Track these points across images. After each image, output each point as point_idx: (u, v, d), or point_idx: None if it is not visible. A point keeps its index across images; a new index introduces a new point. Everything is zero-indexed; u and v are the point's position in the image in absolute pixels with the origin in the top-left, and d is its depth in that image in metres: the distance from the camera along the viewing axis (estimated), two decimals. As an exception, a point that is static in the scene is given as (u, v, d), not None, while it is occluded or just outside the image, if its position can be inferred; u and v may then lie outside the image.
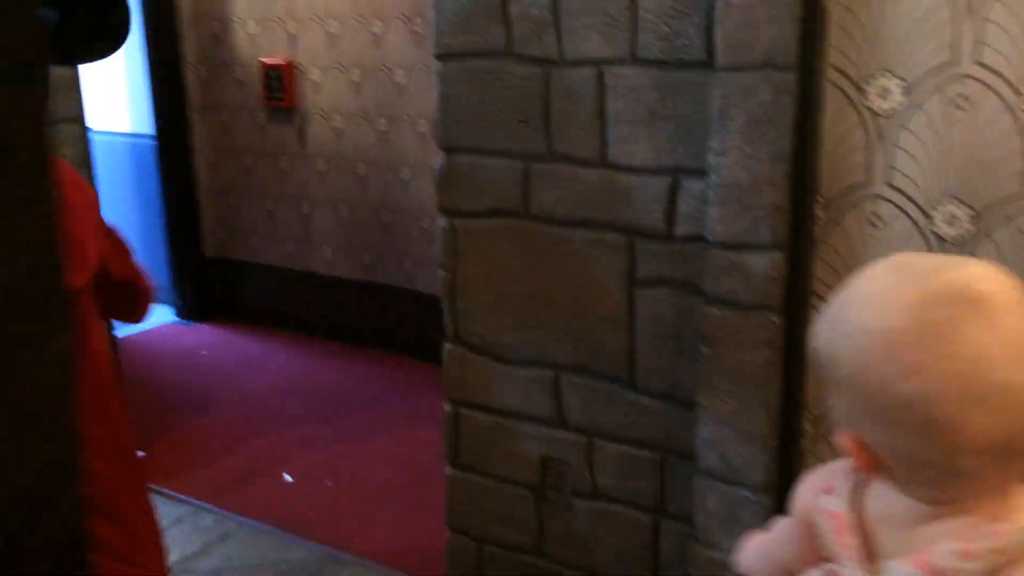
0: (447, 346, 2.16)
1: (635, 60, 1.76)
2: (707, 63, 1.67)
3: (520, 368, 2.08)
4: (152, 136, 4.48)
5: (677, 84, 1.73)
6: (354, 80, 4.03)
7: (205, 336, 4.57)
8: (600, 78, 1.81)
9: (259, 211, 4.52)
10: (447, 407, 2.22)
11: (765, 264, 1.65)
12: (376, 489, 3.09)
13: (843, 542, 0.85)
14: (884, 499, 0.83)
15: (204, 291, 4.72)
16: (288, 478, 3.15)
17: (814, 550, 0.90)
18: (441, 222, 2.07)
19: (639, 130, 1.80)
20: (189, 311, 4.70)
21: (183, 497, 3.02)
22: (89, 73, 4.60)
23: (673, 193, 1.81)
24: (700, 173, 1.75)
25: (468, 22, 1.90)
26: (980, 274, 0.77)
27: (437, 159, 2.04)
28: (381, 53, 3.88)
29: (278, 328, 4.54)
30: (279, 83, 4.21)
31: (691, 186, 1.78)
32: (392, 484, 3.11)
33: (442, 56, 1.96)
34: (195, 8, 4.37)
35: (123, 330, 4.57)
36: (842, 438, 0.82)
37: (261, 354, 4.36)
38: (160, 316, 4.72)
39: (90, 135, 2.91)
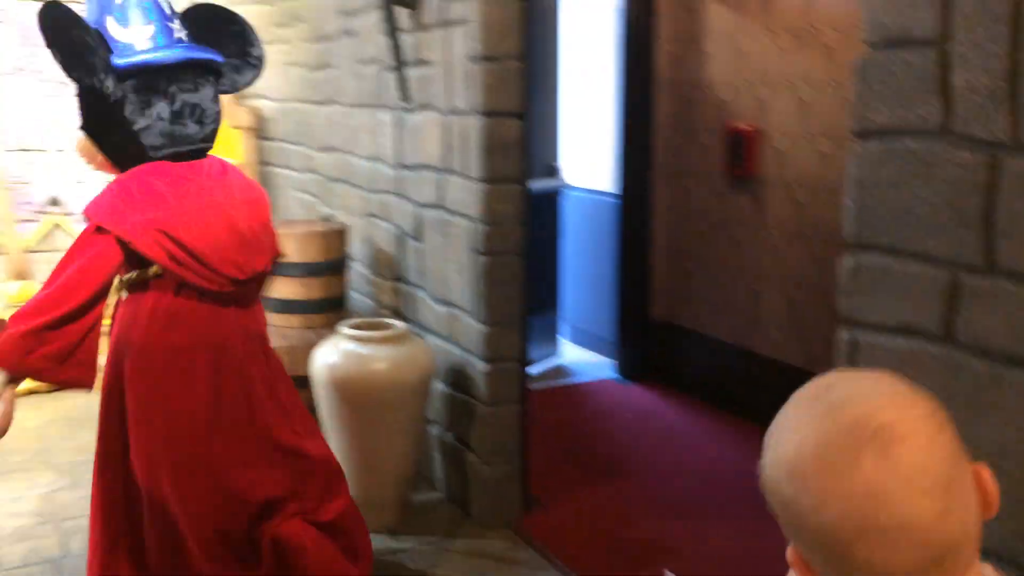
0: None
1: None
2: None
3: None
4: (617, 196, 4.58)
5: None
6: (823, 151, 3.67)
7: (639, 398, 4.51)
8: (1074, 172, 1.31)
9: (709, 281, 4.35)
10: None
11: None
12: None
13: None
14: None
15: (646, 353, 4.68)
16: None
17: None
18: (841, 334, 1.69)
19: None
20: (629, 370, 4.70)
21: (564, 568, 2.94)
22: (569, 134, 4.88)
23: None
24: None
25: (897, 93, 1.52)
26: (885, 405, 0.78)
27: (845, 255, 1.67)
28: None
29: (712, 403, 4.31)
30: (743, 150, 4.00)
31: None
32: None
33: (862, 133, 1.59)
34: (670, 73, 4.38)
35: (561, 379, 4.73)
36: (789, 552, 0.86)
37: (688, 427, 4.16)
38: (601, 371, 4.79)
39: (528, 193, 3.00)
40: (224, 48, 2.30)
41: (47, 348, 2.03)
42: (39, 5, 2.10)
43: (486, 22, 2.78)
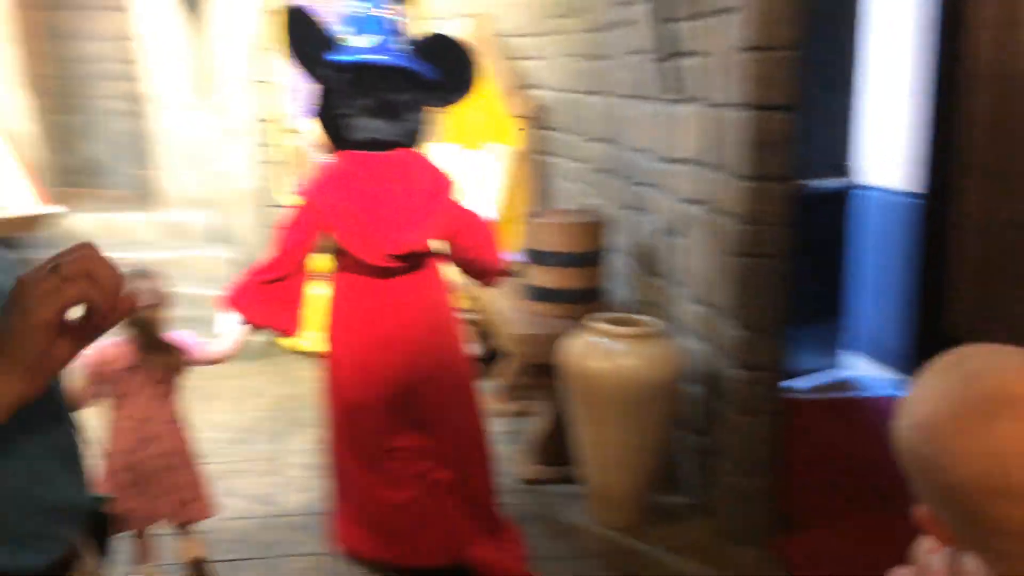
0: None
1: None
2: None
3: None
4: (919, 197, 4.14)
5: None
6: None
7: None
8: None
9: (1016, 297, 3.80)
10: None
11: None
12: None
13: None
14: (974, 563, 0.90)
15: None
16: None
17: None
18: None
19: None
20: (921, 389, 4.24)
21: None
22: (867, 130, 4.47)
23: None
24: None
25: None
26: (1019, 375, 0.84)
27: None
28: None
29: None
30: (1075, 149, 3.44)
31: None
32: None
33: None
34: (989, 62, 3.84)
35: (843, 392, 4.36)
36: (919, 511, 0.91)
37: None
38: (890, 387, 4.37)
39: (798, 193, 2.79)
40: (442, 68, 2.62)
41: (267, 299, 2.56)
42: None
43: (759, 9, 2.60)
